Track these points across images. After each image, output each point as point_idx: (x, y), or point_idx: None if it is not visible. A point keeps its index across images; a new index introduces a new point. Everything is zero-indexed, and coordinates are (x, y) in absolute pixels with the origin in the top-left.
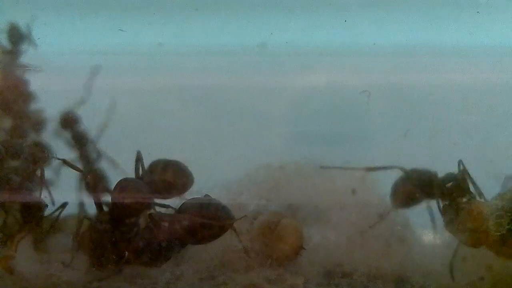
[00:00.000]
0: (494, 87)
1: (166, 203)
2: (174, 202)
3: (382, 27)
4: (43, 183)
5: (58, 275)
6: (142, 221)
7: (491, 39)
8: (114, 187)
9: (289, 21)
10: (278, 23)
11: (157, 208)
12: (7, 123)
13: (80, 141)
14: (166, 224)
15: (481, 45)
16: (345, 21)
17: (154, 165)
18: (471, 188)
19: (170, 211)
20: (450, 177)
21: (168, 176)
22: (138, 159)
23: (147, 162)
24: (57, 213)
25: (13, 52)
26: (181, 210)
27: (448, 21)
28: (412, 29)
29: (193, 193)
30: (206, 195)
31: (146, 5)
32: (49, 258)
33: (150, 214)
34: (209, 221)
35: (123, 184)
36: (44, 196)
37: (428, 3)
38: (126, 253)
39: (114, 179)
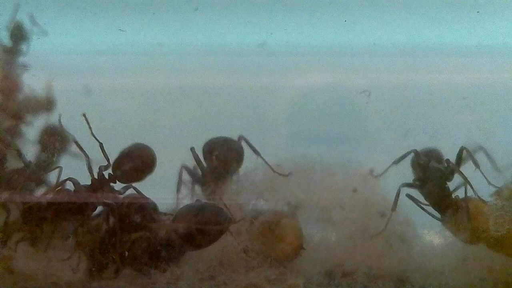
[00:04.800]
0: (494, 87)
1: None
2: None
3: (382, 27)
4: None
5: (58, 275)
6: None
7: (491, 39)
8: None
9: (289, 21)
10: (278, 23)
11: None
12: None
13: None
14: (163, 232)
15: (481, 45)
16: (345, 21)
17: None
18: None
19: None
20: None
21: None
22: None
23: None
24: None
25: (13, 51)
26: (177, 217)
27: (448, 21)
28: (412, 29)
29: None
30: (197, 200)
31: (146, 5)
32: (49, 258)
33: (146, 223)
34: (206, 227)
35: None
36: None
37: (428, 3)
38: (126, 254)
39: None
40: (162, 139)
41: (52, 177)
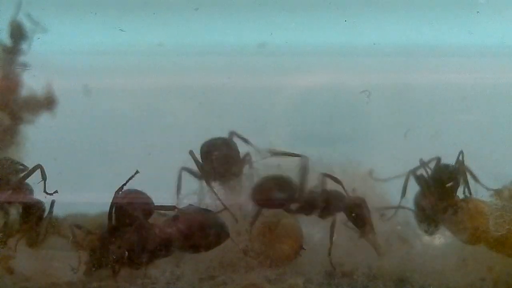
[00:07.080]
0: (494, 87)
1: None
2: None
3: (382, 27)
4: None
5: (58, 275)
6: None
7: (491, 39)
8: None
9: (289, 21)
10: (278, 23)
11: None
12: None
13: None
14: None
15: (481, 45)
16: (345, 21)
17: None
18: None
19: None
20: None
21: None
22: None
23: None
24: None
25: (13, 50)
26: (180, 216)
27: (448, 21)
28: (412, 29)
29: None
30: (190, 205)
31: (146, 5)
32: (49, 257)
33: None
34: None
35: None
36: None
37: (428, 3)
38: (126, 253)
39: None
40: (162, 139)
41: None
